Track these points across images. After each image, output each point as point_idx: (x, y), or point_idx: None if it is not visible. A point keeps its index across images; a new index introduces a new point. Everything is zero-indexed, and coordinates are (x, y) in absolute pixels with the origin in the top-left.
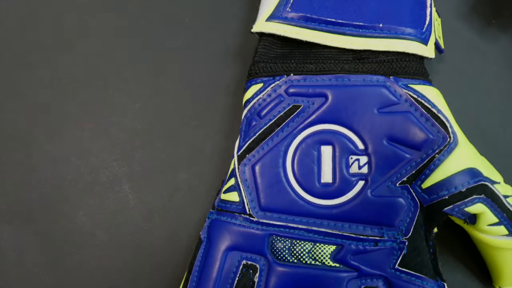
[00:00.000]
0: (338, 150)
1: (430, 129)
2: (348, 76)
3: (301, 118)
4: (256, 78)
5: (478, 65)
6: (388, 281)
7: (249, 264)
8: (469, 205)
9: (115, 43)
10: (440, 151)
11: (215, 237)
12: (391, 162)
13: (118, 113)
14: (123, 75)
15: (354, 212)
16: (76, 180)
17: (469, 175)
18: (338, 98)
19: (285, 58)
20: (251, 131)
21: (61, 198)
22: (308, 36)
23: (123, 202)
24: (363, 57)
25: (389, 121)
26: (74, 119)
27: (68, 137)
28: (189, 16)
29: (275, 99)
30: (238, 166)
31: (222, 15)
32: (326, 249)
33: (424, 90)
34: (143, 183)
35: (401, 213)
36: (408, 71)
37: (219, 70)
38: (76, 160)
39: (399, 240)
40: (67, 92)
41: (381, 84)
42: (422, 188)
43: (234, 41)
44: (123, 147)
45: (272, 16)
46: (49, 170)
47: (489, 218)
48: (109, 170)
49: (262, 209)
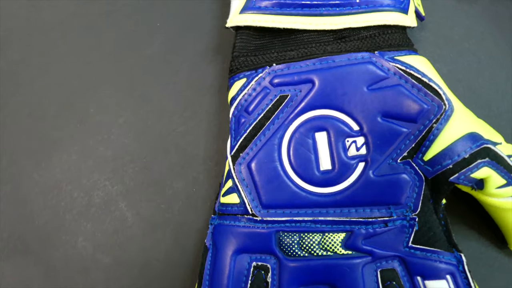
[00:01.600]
0: (333, 134)
1: (424, 99)
2: (332, 58)
3: (290, 107)
4: (238, 74)
5: (461, 28)
6: (404, 260)
7: (260, 265)
8: (475, 171)
9: (89, 60)
10: (437, 120)
11: (221, 243)
12: (389, 139)
13: (103, 130)
14: (102, 91)
15: (359, 195)
16: (70, 205)
17: (470, 140)
18: (325, 82)
19: (265, 49)
20: (241, 129)
21: (58, 226)
22: (285, 23)
23: (121, 221)
24: (344, 36)
25: (381, 97)
26: (59, 144)
27: (55, 163)
28: (159, 20)
29: (261, 92)
30: (233, 166)
31: (193, 14)
32: (336, 238)
33: (412, 60)
34: (139, 199)
35: (406, 189)
36: (392, 43)
37: (199, 71)
38: (67, 185)
39: (408, 217)
40: (47, 117)
41: (367, 61)
42: (424, 161)
43: (210, 39)
44: (113, 165)
45: (245, 8)
46: (41, 199)
47: (497, 181)
48: (102, 191)
49: (264, 206)
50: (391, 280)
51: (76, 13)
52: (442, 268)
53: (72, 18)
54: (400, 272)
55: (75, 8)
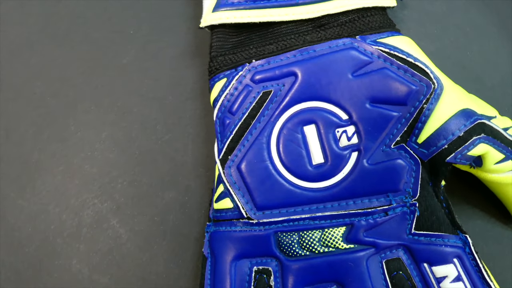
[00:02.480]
0: (322, 126)
1: (411, 80)
2: (313, 47)
3: (275, 103)
4: (218, 74)
5: (443, 2)
6: (408, 248)
7: (261, 269)
8: (471, 148)
9: (63, 76)
10: (427, 100)
11: (219, 250)
12: (380, 125)
13: (86, 147)
14: (80, 107)
15: (355, 186)
16: (60, 228)
17: (463, 117)
18: (308, 73)
19: (243, 46)
20: (227, 131)
21: (50, 252)
22: (260, 17)
23: (115, 239)
24: (323, 24)
25: (367, 83)
26: (42, 166)
27: (39, 186)
28: (132, 28)
29: (243, 91)
30: (223, 170)
31: (166, 18)
32: (337, 232)
33: (395, 41)
34: (131, 213)
35: (403, 175)
36: (373, 26)
37: (179, 76)
38: (55, 208)
39: (409, 203)
40: (26, 140)
41: (349, 47)
42: (419, 143)
43: (186, 42)
44: (100, 182)
45: (218, 6)
46: (29, 226)
47: (495, 156)
48: (92, 210)
49: (259, 208)
50: (397, 270)
51: (44, 30)
52: (448, 252)
53: (41, 35)
54: (406, 261)
55: (43, 25)
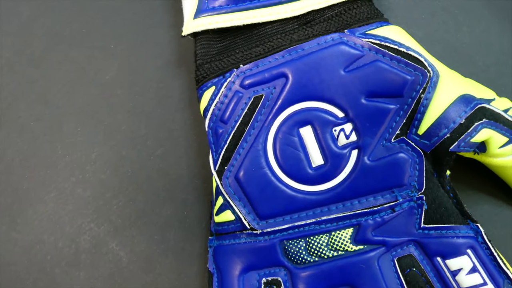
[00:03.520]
0: (319, 127)
1: (405, 70)
2: (301, 46)
3: (267, 108)
4: (205, 83)
5: None
6: (419, 243)
7: (270, 280)
8: (474, 135)
9: (45, 99)
10: (424, 90)
11: (225, 265)
12: (378, 119)
13: (76, 171)
14: (66, 129)
15: (359, 185)
16: (57, 258)
17: (463, 103)
18: (298, 73)
19: (228, 51)
20: (221, 140)
21: (49, 282)
22: (244, 19)
23: (116, 262)
24: (309, 20)
25: (361, 77)
26: (32, 194)
27: (32, 216)
28: (112, 42)
29: (234, 98)
30: (220, 182)
31: (147, 29)
32: (344, 235)
33: (385, 31)
34: (129, 235)
35: (407, 168)
36: (360, 18)
37: (165, 88)
38: (50, 236)
39: (415, 197)
40: (13, 169)
41: (338, 42)
42: (420, 135)
43: (170, 52)
44: (95, 205)
45: (199, 11)
46: (24, 258)
47: (498, 140)
48: (89, 234)
49: (262, 218)
50: (410, 267)
51: (23, 52)
52: (461, 244)
53: (20, 57)
54: (418, 256)
55: (20, 46)
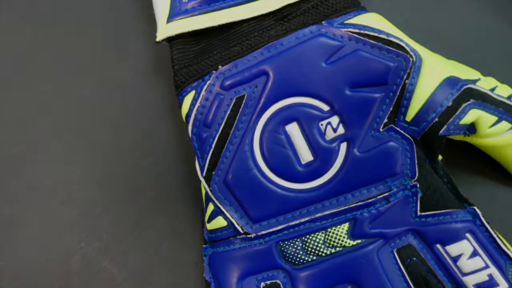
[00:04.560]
0: (305, 122)
1: (388, 57)
2: (279, 41)
3: (250, 107)
4: (185, 88)
5: None
6: (417, 232)
7: (269, 283)
8: (463, 117)
9: (21, 122)
10: (408, 75)
11: (221, 272)
12: (364, 109)
13: (61, 191)
14: (46, 149)
15: (351, 178)
16: (48, 282)
17: (449, 85)
18: (279, 69)
19: (205, 53)
20: (206, 145)
21: None
22: (218, 19)
23: (109, 281)
24: (286, 15)
25: (343, 68)
26: (16, 220)
27: (18, 242)
28: (87, 56)
29: (215, 101)
30: (209, 188)
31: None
32: (341, 230)
33: (363, 19)
34: (122, 250)
35: (398, 156)
36: (337, 8)
37: (145, 97)
38: (39, 261)
39: (409, 186)
40: None
41: (316, 34)
42: (408, 122)
43: (146, 60)
44: (83, 223)
45: (172, 15)
46: (13, 287)
47: (488, 120)
48: (79, 254)
49: (255, 221)
50: (410, 257)
51: None
52: (459, 228)
53: None
54: (417, 245)
55: None
